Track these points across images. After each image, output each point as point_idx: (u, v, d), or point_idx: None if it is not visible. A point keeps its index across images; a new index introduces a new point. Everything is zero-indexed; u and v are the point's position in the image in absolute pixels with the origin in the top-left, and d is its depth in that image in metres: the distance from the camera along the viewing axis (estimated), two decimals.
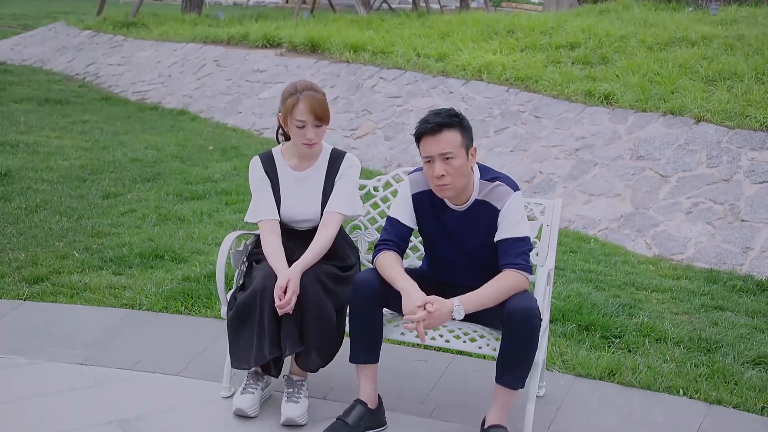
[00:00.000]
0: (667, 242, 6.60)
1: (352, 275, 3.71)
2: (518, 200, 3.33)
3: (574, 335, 4.63)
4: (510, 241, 3.28)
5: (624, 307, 5.08)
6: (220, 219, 6.70)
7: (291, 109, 3.54)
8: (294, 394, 3.54)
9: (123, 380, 3.87)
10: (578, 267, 5.91)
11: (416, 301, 3.11)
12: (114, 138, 9.94)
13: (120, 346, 4.26)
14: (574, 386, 4.05)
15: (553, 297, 5.08)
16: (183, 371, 3.99)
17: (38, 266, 5.36)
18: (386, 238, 3.41)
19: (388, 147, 9.51)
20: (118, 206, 6.96)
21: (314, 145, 3.62)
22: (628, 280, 5.70)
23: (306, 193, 3.69)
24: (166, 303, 4.79)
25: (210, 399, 3.72)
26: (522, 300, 3.19)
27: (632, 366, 4.24)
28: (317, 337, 3.44)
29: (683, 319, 5.04)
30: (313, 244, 3.54)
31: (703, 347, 4.59)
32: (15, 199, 6.99)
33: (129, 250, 5.68)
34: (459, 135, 3.22)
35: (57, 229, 6.23)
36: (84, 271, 5.34)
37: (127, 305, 4.77)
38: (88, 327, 4.48)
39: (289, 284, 3.34)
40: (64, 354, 4.12)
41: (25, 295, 4.89)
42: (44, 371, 3.94)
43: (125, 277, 5.27)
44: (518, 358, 3.24)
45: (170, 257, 5.62)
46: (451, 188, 3.26)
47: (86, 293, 4.94)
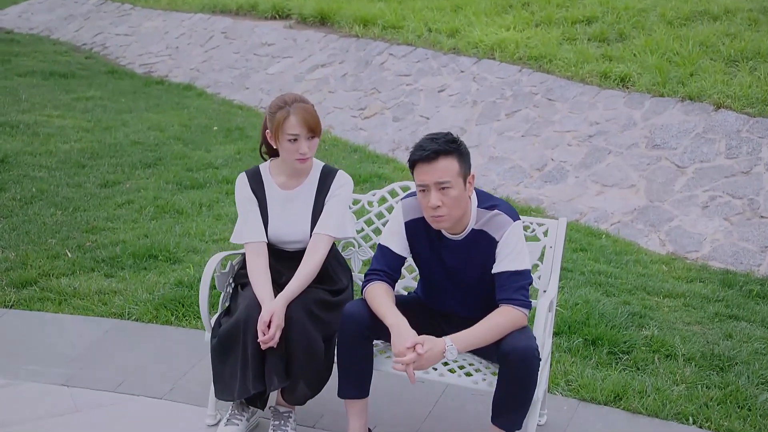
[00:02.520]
0: (681, 239, 6.35)
1: (344, 299, 3.52)
2: (518, 231, 3.09)
3: (579, 350, 4.41)
4: (508, 275, 3.05)
5: (634, 316, 4.85)
6: (219, 211, 6.51)
7: (282, 123, 3.31)
8: (280, 426, 3.37)
9: (104, 405, 3.71)
10: (587, 268, 5.68)
11: (406, 342, 2.91)
12: (117, 117, 9.74)
13: (104, 364, 4.09)
14: (577, 412, 3.85)
15: (559, 305, 4.87)
16: (168, 394, 3.82)
17: (28, 268, 5.20)
18: (377, 268, 3.19)
19: (396, 128, 9.24)
20: (115, 196, 6.77)
21: (307, 160, 3.40)
22: (640, 284, 5.46)
23: (295, 213, 3.48)
24: (156, 312, 4.62)
25: (194, 428, 3.55)
26: (520, 339, 2.98)
27: (640, 388, 4.02)
28: (304, 370, 3.25)
29: (695, 330, 4.81)
30: (299, 270, 3.33)
31: (716, 365, 4.37)
32: (10, 189, 6.82)
33: (122, 249, 5.49)
34: (456, 163, 2.98)
35: (51, 223, 6.06)
36: (75, 273, 5.17)
37: (115, 314, 4.60)
38: (73, 340, 4.31)
39: (273, 318, 3.15)
40: (46, 373, 3.96)
41: (12, 302, 4.73)
42: (23, 393, 3.78)
43: (116, 280, 5.10)
44: (515, 401, 3.03)
45: (164, 257, 5.44)
46: (447, 220, 3.03)
47: (75, 300, 4.77)
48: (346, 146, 8.97)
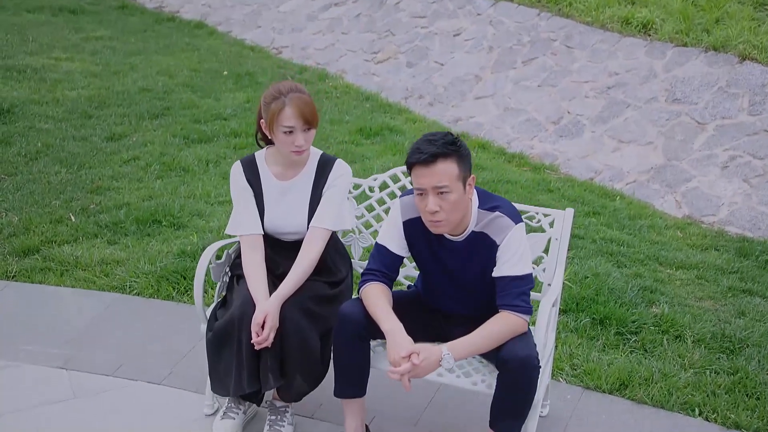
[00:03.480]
0: (698, 201, 6.19)
1: (343, 290, 3.43)
2: (519, 234, 2.97)
3: (587, 330, 4.32)
4: (508, 280, 2.94)
5: (644, 291, 4.74)
6: (226, 168, 6.39)
7: (277, 115, 3.17)
8: (277, 422, 3.32)
9: (103, 391, 3.68)
10: (599, 235, 5.54)
11: (401, 351, 2.82)
12: (125, 61, 9.57)
13: (104, 343, 4.05)
14: (581, 402, 3.77)
15: (568, 278, 4.76)
16: (167, 378, 3.79)
17: (30, 234, 5.14)
18: (373, 268, 3.09)
19: (410, 75, 9.02)
20: (121, 152, 6.67)
21: (303, 152, 3.27)
22: (652, 254, 5.34)
23: (291, 204, 3.36)
24: (158, 286, 4.56)
25: (192, 417, 3.52)
26: (519, 347, 2.88)
27: (646, 375, 3.93)
28: (300, 369, 3.18)
29: (707, 306, 4.70)
30: (295, 267, 3.24)
31: (726, 347, 4.26)
32: (15, 143, 6.73)
33: (126, 214, 5.41)
34: (456, 165, 2.83)
35: (55, 182, 5.99)
36: (77, 240, 5.12)
37: (116, 288, 4.55)
38: (73, 317, 4.27)
39: (267, 319, 3.07)
40: (45, 354, 3.93)
41: (14, 273, 4.69)
42: (21, 377, 3.75)
43: (119, 247, 5.03)
44: (514, 408, 2.96)
45: (168, 223, 5.36)
46: (445, 225, 2.91)
47: (77, 270, 4.72)
48: (358, 94, 8.77)
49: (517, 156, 7.16)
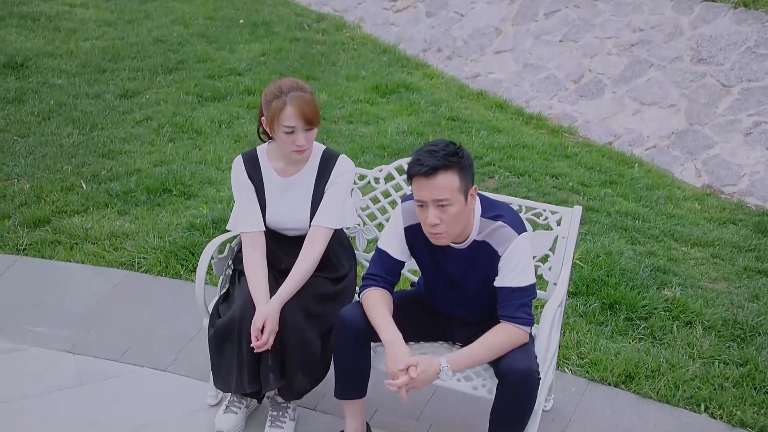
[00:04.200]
0: (719, 170, 6.05)
1: (345, 287, 3.40)
2: (522, 245, 2.89)
3: (596, 315, 4.27)
4: (510, 291, 2.88)
5: (657, 272, 4.67)
6: (238, 131, 6.33)
7: (277, 114, 3.09)
8: (278, 417, 3.34)
9: (109, 377, 3.71)
10: (615, 207, 5.45)
11: (399, 364, 2.80)
12: (140, 8, 9.44)
13: (111, 325, 4.07)
14: (585, 395, 3.75)
15: (580, 257, 4.70)
16: (172, 364, 3.81)
17: (41, 203, 5.14)
18: (374, 273, 3.04)
19: (428, 26, 8.81)
20: (133, 111, 6.62)
21: (305, 151, 3.20)
22: (668, 229, 5.25)
23: (293, 201, 3.30)
24: (167, 262, 4.55)
25: (196, 407, 3.54)
26: (519, 360, 2.84)
27: (654, 366, 3.89)
28: (300, 369, 3.18)
29: (721, 289, 4.63)
30: (296, 267, 3.20)
31: (737, 335, 4.21)
32: (28, 101, 6.70)
33: (137, 182, 5.39)
34: (457, 177, 2.75)
35: (67, 145, 5.97)
36: (88, 210, 5.11)
37: (125, 264, 4.55)
38: (82, 296, 4.29)
39: (266, 323, 3.05)
40: (52, 337, 3.96)
41: (24, 245, 4.70)
42: (29, 361, 3.79)
43: (129, 218, 5.02)
44: (512, 419, 2.94)
45: (179, 192, 5.33)
46: (445, 237, 2.84)
47: (86, 244, 4.72)
48: (375, 46, 8.60)
49: (535, 117, 7.02)
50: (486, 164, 5.97)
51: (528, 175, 5.83)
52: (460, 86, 7.69)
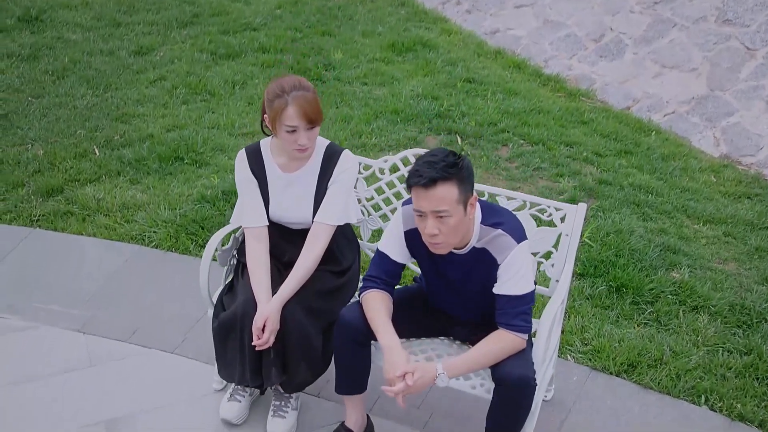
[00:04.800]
0: (738, 139, 5.94)
1: (348, 280, 3.42)
2: (521, 254, 2.88)
3: (602, 299, 4.26)
4: (508, 298, 2.89)
5: (666, 252, 4.64)
6: (251, 93, 6.30)
7: (279, 114, 3.07)
8: (281, 407, 3.40)
9: (118, 359, 3.78)
10: (628, 180, 5.39)
11: (396, 370, 2.83)
12: None
13: (121, 304, 4.13)
14: (586, 385, 3.78)
15: (590, 235, 4.68)
16: (180, 346, 3.87)
17: (54, 170, 5.18)
18: (374, 275, 3.05)
19: None
20: (147, 70, 6.59)
21: (307, 150, 3.18)
22: (681, 204, 5.19)
23: (296, 196, 3.30)
24: (177, 237, 4.59)
25: (202, 391, 3.62)
26: (516, 367, 2.86)
27: (657, 354, 3.90)
28: (301, 364, 3.22)
29: (730, 270, 4.60)
30: (297, 265, 3.22)
31: (743, 321, 4.19)
32: (43, 58, 6.69)
33: (149, 148, 5.40)
34: (456, 189, 2.73)
35: (81, 107, 5.98)
36: (100, 178, 5.14)
37: (136, 238, 4.60)
38: (93, 272, 4.35)
39: (267, 323, 3.08)
40: (63, 316, 4.03)
41: (37, 217, 4.76)
42: (40, 341, 3.87)
43: (141, 188, 5.05)
44: (508, 423, 2.98)
45: (190, 160, 5.34)
46: (444, 247, 2.84)
47: (98, 216, 4.76)
48: None
49: (552, 79, 6.90)
50: (500, 131, 5.91)
51: (542, 143, 5.77)
52: (478, 43, 7.56)
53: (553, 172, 5.43)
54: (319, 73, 6.65)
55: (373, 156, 5.52)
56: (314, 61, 6.84)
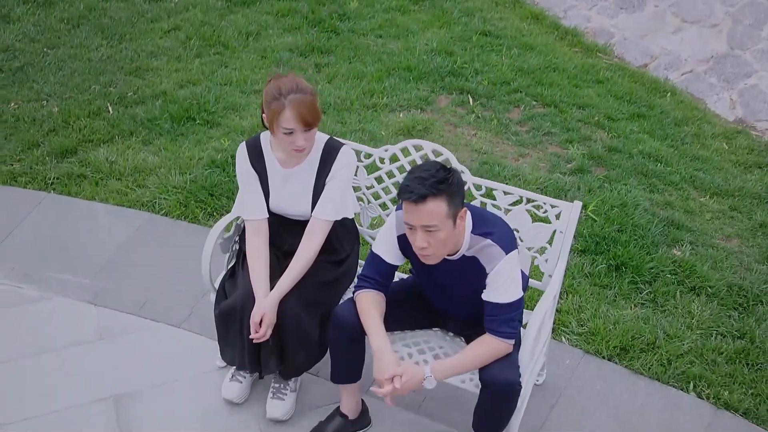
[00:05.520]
0: (755, 102, 5.87)
1: (346, 271, 3.52)
2: (509, 263, 2.94)
3: (601, 277, 4.33)
4: (495, 306, 2.96)
5: (670, 228, 4.68)
6: (265, 45, 6.29)
7: (277, 116, 3.11)
8: (280, 390, 3.55)
9: (127, 333, 3.94)
10: (638, 147, 5.38)
11: (385, 373, 2.94)
12: None
13: (131, 275, 4.26)
14: (578, 368, 3.88)
15: (593, 208, 4.72)
16: (186, 320, 4.02)
17: (69, 129, 5.27)
18: (368, 275, 3.14)
19: None
20: (161, 19, 6.59)
21: (304, 150, 3.23)
22: (689, 174, 5.19)
23: (295, 191, 3.37)
24: (186, 203, 4.68)
25: (205, 368, 3.77)
26: (502, 372, 2.96)
27: (650, 338, 3.98)
28: (298, 353, 3.35)
29: (732, 247, 4.64)
30: (294, 260, 3.30)
31: (740, 304, 4.26)
32: (58, 4, 6.71)
33: (162, 107, 5.46)
34: (445, 204, 2.78)
35: (96, 59, 6.02)
36: (113, 139, 5.22)
37: (146, 205, 4.69)
38: (105, 241, 4.48)
39: (264, 318, 3.20)
40: (76, 286, 4.18)
41: (51, 180, 4.86)
42: (53, 312, 4.03)
43: (153, 150, 5.13)
44: (494, 420, 3.10)
45: (202, 120, 5.40)
46: (433, 258, 2.91)
47: (111, 180, 4.86)
48: None
49: (570, 33, 6.80)
50: (513, 91, 5.88)
51: (554, 105, 5.74)
52: None
53: (563, 137, 5.42)
54: (334, 24, 6.60)
55: (384, 116, 5.55)
56: (329, 11, 6.78)
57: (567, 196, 4.84)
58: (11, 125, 5.34)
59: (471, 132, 5.46)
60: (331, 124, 5.37)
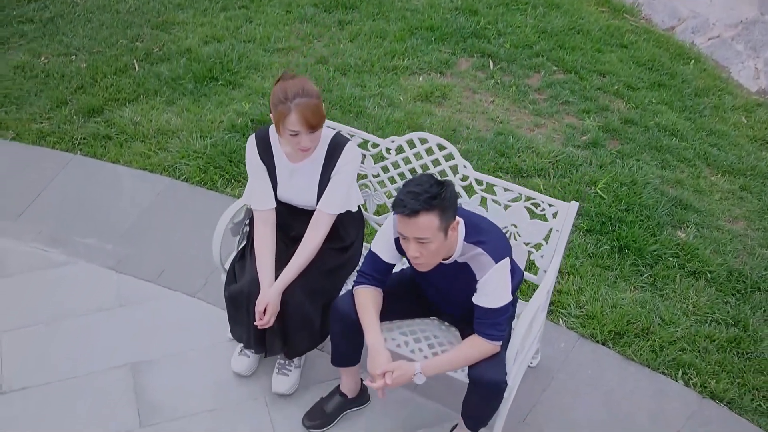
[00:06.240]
0: None
1: (350, 258, 3.68)
2: (499, 273, 3.07)
3: (604, 258, 4.45)
4: (485, 310, 3.11)
5: (677, 208, 4.75)
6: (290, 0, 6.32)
7: (283, 119, 3.23)
8: (285, 366, 3.78)
9: (145, 301, 4.17)
10: (655, 120, 5.40)
11: (377, 369, 3.14)
12: None
13: (151, 241, 4.46)
14: (573, 352, 4.03)
15: (603, 186, 4.80)
16: (202, 289, 4.23)
17: (96, 87, 5.43)
18: (367, 272, 3.30)
19: None
20: None
21: (309, 150, 3.36)
22: (703, 151, 5.22)
23: (301, 185, 3.51)
24: (206, 170, 4.85)
25: (217, 339, 3.99)
26: (489, 369, 3.13)
27: (645, 323, 4.12)
28: (302, 337, 3.55)
29: (738, 230, 4.71)
30: (298, 252, 3.47)
31: (738, 289, 4.36)
32: None
33: (186, 66, 5.58)
34: (437, 218, 2.90)
35: (123, 11, 6.14)
36: (138, 97, 5.37)
37: (168, 169, 4.87)
38: (128, 205, 4.67)
39: (268, 307, 3.39)
40: (99, 251, 4.40)
41: (78, 140, 5.05)
42: (76, 278, 4.27)
43: (176, 110, 5.28)
44: (479, 414, 3.30)
45: (225, 81, 5.51)
46: (425, 266, 3.06)
47: (135, 142, 5.04)
48: None
49: None
50: (534, 55, 5.88)
51: (575, 72, 5.75)
52: None
53: (580, 107, 5.46)
54: None
55: (403, 80, 5.61)
56: None
57: (578, 171, 4.92)
58: (41, 81, 5.52)
59: (489, 99, 5.51)
60: (350, 87, 5.45)
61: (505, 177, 4.85)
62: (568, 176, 4.90)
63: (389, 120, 5.18)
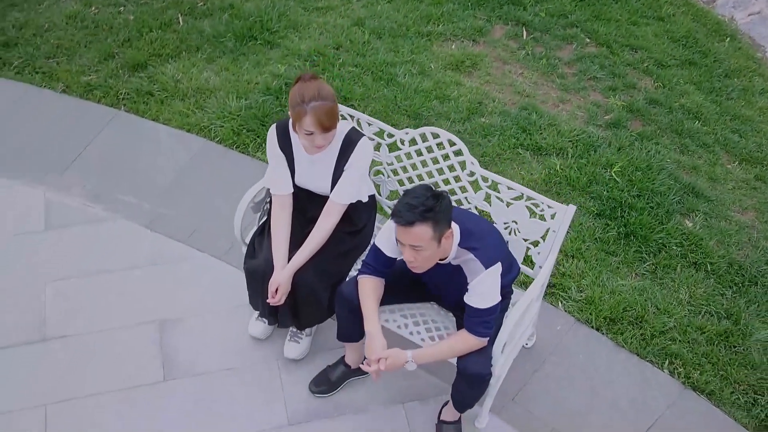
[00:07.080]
0: None
1: (360, 242, 3.96)
2: (488, 278, 3.32)
3: (609, 244, 4.64)
4: (474, 309, 3.37)
5: (688, 196, 4.90)
6: None
7: (299, 119, 3.48)
8: (297, 334, 4.13)
9: (176, 261, 4.52)
10: (680, 101, 5.48)
11: (373, 355, 3.45)
12: None
13: (184, 202, 4.78)
14: (567, 335, 4.28)
15: (619, 168, 4.95)
16: (227, 253, 4.57)
17: (141, 42, 5.68)
18: (370, 263, 3.57)
19: None
20: None
21: (323, 147, 3.61)
22: (724, 137, 5.30)
23: (317, 174, 3.77)
24: (239, 131, 5.11)
25: (239, 301, 4.32)
26: (475, 363, 3.42)
27: (640, 311, 4.33)
28: (311, 314, 3.88)
29: (746, 221, 4.85)
30: (310, 238, 3.75)
31: (737, 282, 4.53)
32: None
33: (227, 24, 5.79)
34: (430, 229, 3.14)
35: None
36: (180, 54, 5.62)
37: (204, 130, 5.14)
38: (165, 165, 4.98)
39: (279, 288, 3.70)
40: (137, 209, 4.75)
41: (122, 95, 5.34)
42: (116, 234, 4.63)
43: (215, 69, 5.52)
44: (466, 398, 3.62)
45: (263, 40, 5.72)
46: (420, 269, 3.32)
47: (175, 100, 5.31)
48: None
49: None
50: (569, 25, 5.94)
51: (607, 45, 5.81)
52: None
53: (607, 84, 5.55)
54: None
55: (436, 47, 5.75)
56: None
57: (596, 152, 5.07)
58: (91, 32, 5.79)
59: (518, 71, 5.63)
60: (384, 53, 5.62)
61: (524, 154, 5.03)
62: (586, 157, 5.05)
63: (417, 90, 5.36)
